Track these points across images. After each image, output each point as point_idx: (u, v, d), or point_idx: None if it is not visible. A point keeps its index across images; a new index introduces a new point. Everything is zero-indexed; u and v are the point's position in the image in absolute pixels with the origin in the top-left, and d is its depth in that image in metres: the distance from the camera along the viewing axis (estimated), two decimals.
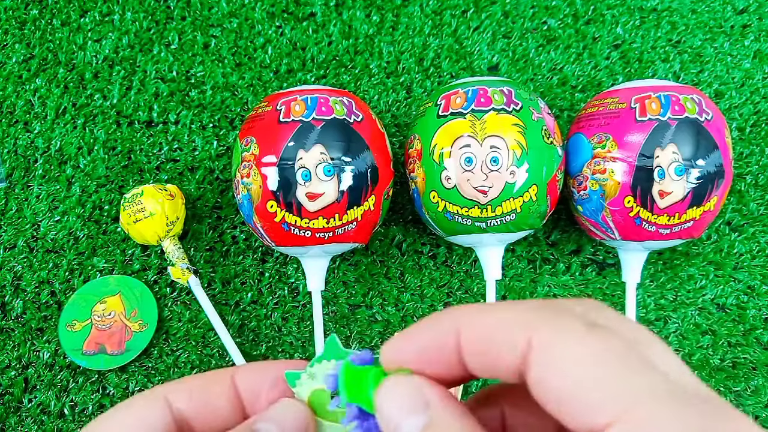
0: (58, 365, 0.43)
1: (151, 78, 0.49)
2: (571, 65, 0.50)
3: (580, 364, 0.13)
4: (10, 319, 0.44)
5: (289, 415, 0.18)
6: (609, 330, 0.14)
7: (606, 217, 0.39)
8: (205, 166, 0.48)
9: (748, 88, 0.50)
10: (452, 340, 0.16)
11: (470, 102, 0.38)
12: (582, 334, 0.14)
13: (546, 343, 0.14)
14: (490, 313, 0.16)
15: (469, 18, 0.51)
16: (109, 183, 0.47)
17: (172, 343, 0.44)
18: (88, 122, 0.49)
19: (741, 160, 0.48)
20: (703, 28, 0.51)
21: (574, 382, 0.13)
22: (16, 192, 0.47)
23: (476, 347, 0.16)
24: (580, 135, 0.41)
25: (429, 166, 0.39)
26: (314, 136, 0.37)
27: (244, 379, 0.19)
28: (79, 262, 0.45)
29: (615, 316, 0.15)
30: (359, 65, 0.50)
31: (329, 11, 0.51)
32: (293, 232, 0.38)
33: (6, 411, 0.42)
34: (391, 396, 0.16)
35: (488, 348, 0.15)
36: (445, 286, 0.46)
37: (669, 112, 0.37)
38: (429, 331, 0.17)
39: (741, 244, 0.46)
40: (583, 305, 0.15)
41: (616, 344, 0.13)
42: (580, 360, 0.13)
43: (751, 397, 0.43)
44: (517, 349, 0.14)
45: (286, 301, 0.45)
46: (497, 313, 0.15)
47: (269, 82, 0.49)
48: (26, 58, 0.50)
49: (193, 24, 0.51)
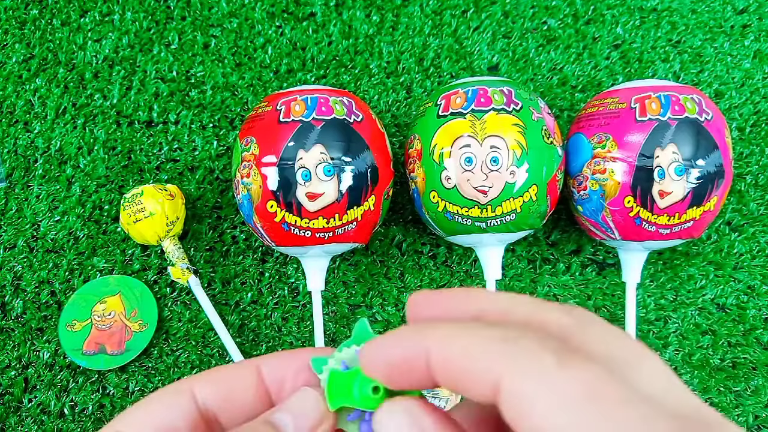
0: (58, 365, 0.43)
1: (151, 78, 0.49)
2: (571, 65, 0.50)
3: (551, 415, 0.13)
4: (10, 319, 0.44)
5: (306, 405, 0.18)
6: (586, 359, 0.13)
7: (606, 217, 0.39)
8: (205, 166, 0.48)
9: (748, 88, 0.50)
10: (422, 360, 0.15)
11: (470, 102, 0.38)
12: (553, 375, 0.13)
13: (514, 391, 0.13)
14: (457, 340, 0.15)
15: (469, 18, 0.51)
16: (109, 183, 0.47)
17: (172, 343, 0.44)
18: (88, 122, 0.49)
19: (741, 160, 0.48)
20: (703, 28, 0.51)
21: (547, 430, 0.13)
22: (16, 192, 0.47)
23: (446, 373, 0.15)
24: (580, 135, 0.41)
25: (429, 166, 0.39)
26: (314, 136, 0.37)
27: (270, 368, 0.19)
28: (79, 262, 0.45)
29: (600, 332, 0.15)
30: (359, 65, 0.50)
31: (329, 11, 0.51)
32: (293, 232, 0.38)
33: (6, 411, 0.42)
34: (387, 425, 0.16)
35: (457, 376, 0.15)
36: (445, 286, 0.45)
37: (669, 112, 0.37)
38: (397, 347, 0.16)
39: (741, 244, 0.46)
40: (566, 318, 0.15)
41: (590, 378, 0.13)
42: (550, 410, 0.13)
43: (751, 397, 0.43)
44: (486, 387, 0.14)
45: (286, 301, 0.45)
46: (465, 341, 0.15)
47: (269, 82, 0.49)
48: (26, 58, 0.50)
49: (193, 24, 0.51)
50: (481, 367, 0.14)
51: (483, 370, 0.14)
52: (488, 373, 0.14)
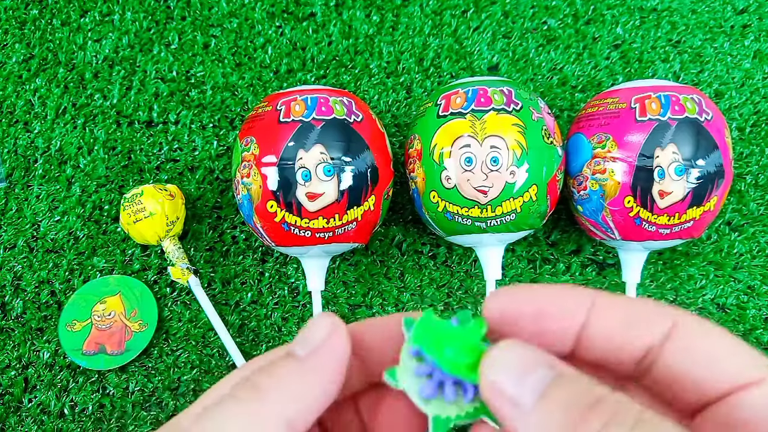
0: (58, 365, 0.43)
1: (151, 78, 0.49)
2: (571, 65, 0.50)
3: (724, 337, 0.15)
4: (10, 319, 0.44)
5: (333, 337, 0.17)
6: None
7: (606, 217, 0.39)
8: (205, 166, 0.48)
9: (748, 88, 0.50)
10: (580, 315, 0.16)
11: (470, 102, 0.38)
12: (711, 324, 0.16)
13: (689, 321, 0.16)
14: (626, 298, 0.16)
15: (469, 18, 0.51)
16: (109, 183, 0.47)
17: (172, 343, 0.44)
18: (88, 122, 0.49)
19: (741, 160, 0.48)
20: (703, 28, 0.51)
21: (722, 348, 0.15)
22: (16, 192, 0.47)
23: (609, 325, 0.16)
24: (580, 135, 0.41)
25: (429, 166, 0.39)
26: (314, 136, 0.37)
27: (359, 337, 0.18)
28: (79, 262, 0.45)
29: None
30: (359, 65, 0.50)
31: (329, 11, 0.51)
32: (293, 232, 0.38)
33: (6, 411, 0.42)
34: (509, 354, 0.15)
35: (623, 330, 0.16)
36: (445, 286, 0.45)
37: (669, 112, 0.37)
38: (557, 297, 0.16)
39: (741, 244, 0.46)
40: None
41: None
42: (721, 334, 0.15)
43: None
44: (659, 330, 0.15)
45: (286, 301, 0.45)
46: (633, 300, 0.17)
47: (269, 82, 0.49)
48: (26, 58, 0.50)
49: (193, 24, 0.51)
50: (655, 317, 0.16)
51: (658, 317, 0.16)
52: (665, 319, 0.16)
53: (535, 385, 0.14)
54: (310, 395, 0.16)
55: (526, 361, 0.15)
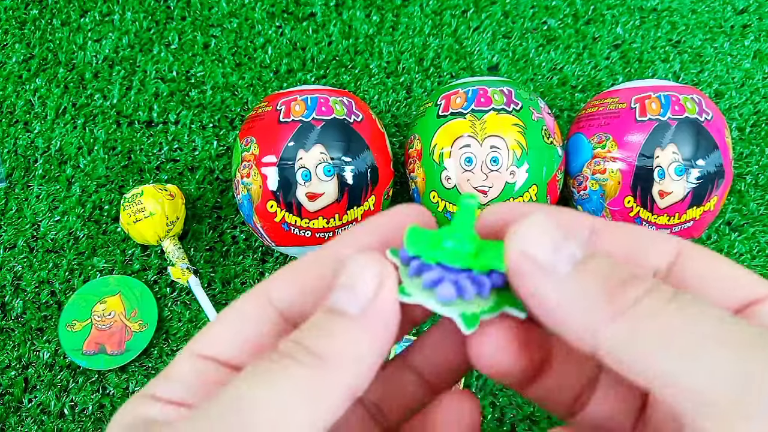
0: (58, 365, 0.43)
1: (151, 78, 0.49)
2: (571, 65, 0.50)
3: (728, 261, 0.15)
4: (10, 319, 0.44)
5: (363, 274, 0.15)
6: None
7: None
8: (205, 166, 0.48)
9: (748, 88, 0.50)
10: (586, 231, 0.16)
11: (470, 102, 0.38)
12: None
13: (693, 247, 0.15)
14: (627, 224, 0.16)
15: (469, 18, 0.51)
16: (109, 183, 0.47)
17: (172, 343, 0.44)
18: (88, 122, 0.49)
19: (741, 160, 0.48)
20: (703, 28, 0.51)
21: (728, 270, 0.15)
22: (16, 192, 0.47)
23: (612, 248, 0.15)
24: (580, 135, 0.41)
25: (429, 166, 0.39)
26: (314, 136, 0.37)
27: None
28: (79, 262, 0.45)
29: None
30: (359, 65, 0.50)
31: (329, 11, 0.51)
32: (293, 232, 0.38)
33: (6, 411, 0.42)
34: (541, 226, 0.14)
35: (627, 253, 0.15)
36: None
37: (669, 112, 0.37)
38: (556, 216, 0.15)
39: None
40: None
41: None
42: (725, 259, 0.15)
43: None
44: (665, 254, 0.15)
45: None
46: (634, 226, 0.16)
47: (269, 82, 0.49)
48: (26, 58, 0.50)
49: (193, 24, 0.51)
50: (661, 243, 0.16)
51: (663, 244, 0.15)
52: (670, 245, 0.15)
53: (571, 255, 0.14)
54: (369, 359, 0.14)
55: (560, 232, 0.14)
